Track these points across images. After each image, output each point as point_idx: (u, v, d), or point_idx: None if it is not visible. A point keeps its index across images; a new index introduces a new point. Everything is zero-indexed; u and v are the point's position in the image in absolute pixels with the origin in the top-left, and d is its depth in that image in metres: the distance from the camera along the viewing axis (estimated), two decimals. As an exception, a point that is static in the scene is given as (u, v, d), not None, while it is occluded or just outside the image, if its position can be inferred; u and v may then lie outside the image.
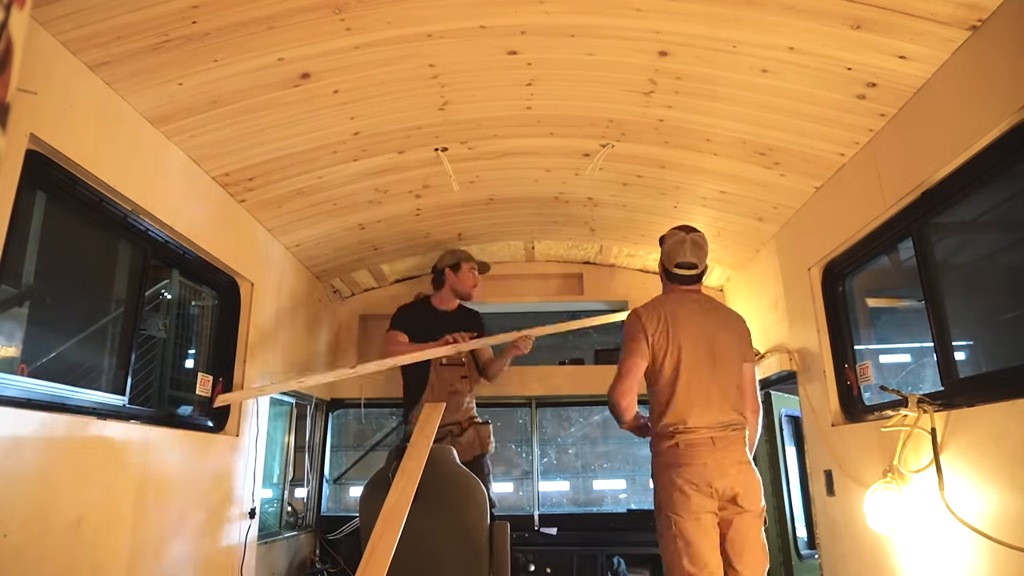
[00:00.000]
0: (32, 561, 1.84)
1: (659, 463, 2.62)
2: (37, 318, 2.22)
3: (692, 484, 2.48)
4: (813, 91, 2.41)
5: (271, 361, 3.49)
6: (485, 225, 4.05)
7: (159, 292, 2.87)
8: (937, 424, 2.18)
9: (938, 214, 2.34)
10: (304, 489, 4.13)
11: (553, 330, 3.75)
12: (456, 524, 3.03)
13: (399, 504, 2.58)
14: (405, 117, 2.76)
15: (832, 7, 2.01)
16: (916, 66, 2.16)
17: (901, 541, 2.42)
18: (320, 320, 4.30)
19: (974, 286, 2.56)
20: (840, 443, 2.88)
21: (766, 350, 3.74)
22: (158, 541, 2.46)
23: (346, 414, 4.78)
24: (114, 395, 2.35)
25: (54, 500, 1.95)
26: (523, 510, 4.51)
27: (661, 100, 2.64)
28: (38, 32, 1.87)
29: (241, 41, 2.14)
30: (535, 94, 2.66)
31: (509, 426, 5.28)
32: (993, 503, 1.95)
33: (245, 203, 3.11)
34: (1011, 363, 2.10)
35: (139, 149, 2.36)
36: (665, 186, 3.39)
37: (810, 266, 3.14)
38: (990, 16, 1.90)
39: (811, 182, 2.99)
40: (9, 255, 1.82)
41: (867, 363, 2.87)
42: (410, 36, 2.25)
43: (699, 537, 2.45)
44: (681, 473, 2.50)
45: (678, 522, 2.47)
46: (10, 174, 1.74)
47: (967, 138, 2.02)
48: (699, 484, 2.48)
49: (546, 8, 2.15)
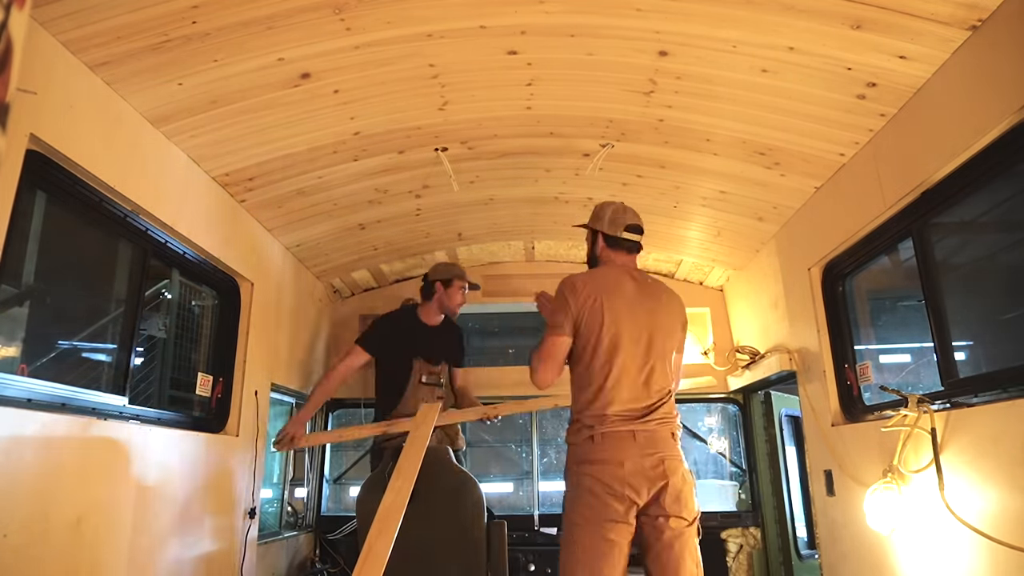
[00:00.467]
0: (32, 561, 1.84)
1: (571, 457, 2.26)
2: (37, 318, 2.22)
3: (604, 485, 2.10)
4: (813, 91, 2.41)
5: (271, 361, 3.49)
6: (485, 225, 4.05)
7: (159, 292, 2.87)
8: (937, 424, 2.18)
9: (938, 214, 2.34)
10: (304, 489, 4.13)
11: (521, 409, 3.86)
12: (452, 523, 3.03)
13: (395, 505, 2.58)
14: (405, 117, 2.76)
15: (832, 7, 2.01)
16: (916, 66, 2.16)
17: (901, 541, 2.42)
18: (320, 320, 4.30)
19: (974, 286, 2.56)
20: (840, 443, 2.88)
21: (766, 350, 3.74)
22: (158, 541, 2.46)
23: (346, 414, 4.78)
24: (114, 395, 2.35)
25: (54, 500, 1.95)
26: (523, 510, 4.52)
27: (661, 100, 2.64)
28: (38, 32, 1.87)
29: (241, 41, 2.14)
30: (535, 94, 2.66)
31: (509, 426, 5.28)
32: (993, 503, 1.96)
33: (245, 203, 3.11)
34: (1011, 363, 2.10)
35: (139, 149, 2.36)
36: (665, 186, 3.39)
37: (810, 266, 3.14)
38: (990, 16, 1.90)
39: (811, 182, 2.99)
40: (9, 255, 1.82)
41: (867, 363, 2.87)
42: (410, 36, 2.25)
43: (604, 552, 2.06)
44: (594, 471, 2.13)
45: (579, 529, 2.10)
46: (10, 174, 1.74)
47: (967, 138, 2.02)
48: (613, 485, 2.09)
49: (546, 8, 2.15)
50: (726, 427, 4.69)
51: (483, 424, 3.68)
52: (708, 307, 4.52)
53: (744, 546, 4.09)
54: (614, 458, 2.13)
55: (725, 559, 4.06)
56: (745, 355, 3.92)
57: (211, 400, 3.02)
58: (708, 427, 4.91)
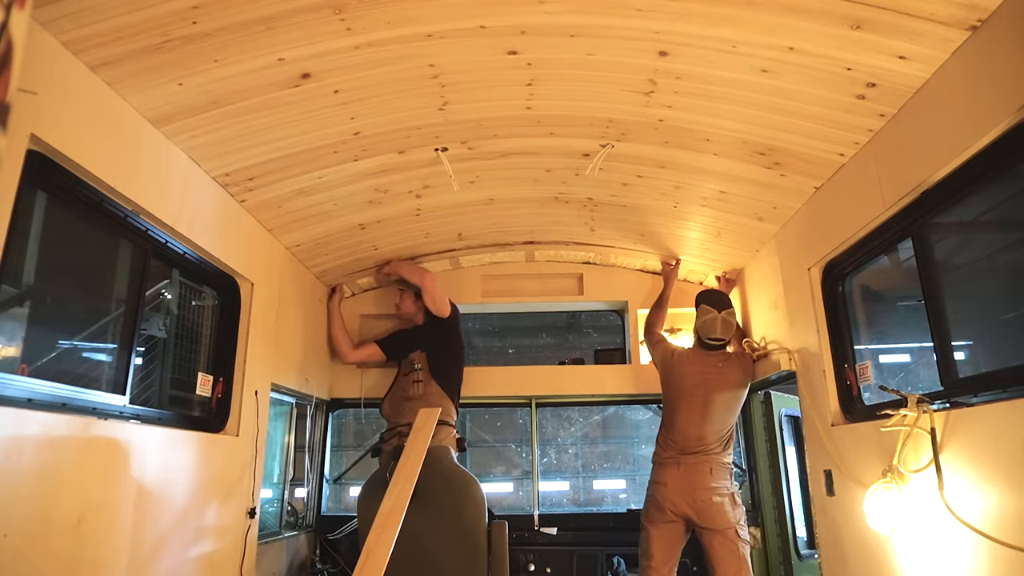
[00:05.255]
0: (32, 561, 1.85)
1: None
2: (38, 318, 2.22)
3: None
4: (813, 91, 2.41)
5: (271, 361, 3.49)
6: (485, 225, 4.05)
7: (159, 292, 2.87)
8: (937, 424, 2.18)
9: (937, 214, 2.34)
10: (304, 489, 4.14)
11: None
12: (453, 523, 3.04)
13: (395, 507, 2.59)
14: (405, 117, 2.76)
15: (832, 7, 2.01)
16: (916, 66, 2.16)
17: (901, 541, 2.42)
18: (320, 320, 4.30)
19: (974, 286, 2.56)
20: (840, 443, 2.89)
21: (765, 350, 3.74)
22: (158, 541, 2.46)
23: (346, 414, 4.78)
24: (115, 395, 2.35)
25: (55, 500, 1.95)
26: (523, 510, 4.52)
27: (661, 100, 2.64)
28: (38, 32, 1.87)
29: (241, 41, 2.14)
30: (535, 94, 2.66)
31: (509, 426, 5.28)
32: (993, 503, 1.96)
33: (245, 203, 3.11)
34: (1011, 363, 2.10)
35: (139, 149, 2.37)
36: (665, 186, 3.39)
37: (810, 266, 3.14)
38: (990, 16, 1.90)
39: (811, 182, 2.99)
40: (9, 255, 1.82)
41: (867, 363, 2.87)
42: (410, 36, 2.25)
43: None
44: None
45: None
46: (10, 174, 1.74)
47: (966, 138, 2.02)
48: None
49: (546, 8, 2.15)
50: (726, 427, 4.69)
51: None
52: (708, 307, 4.52)
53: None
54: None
55: (725, 559, 4.06)
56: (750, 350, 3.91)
57: (211, 400, 3.03)
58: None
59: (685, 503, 3.35)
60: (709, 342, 3.67)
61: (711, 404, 3.52)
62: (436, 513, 2.99)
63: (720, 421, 3.53)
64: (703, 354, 3.70)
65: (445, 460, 3.14)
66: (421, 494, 2.77)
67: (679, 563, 3.48)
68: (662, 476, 3.45)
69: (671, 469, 3.43)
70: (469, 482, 3.16)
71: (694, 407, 3.52)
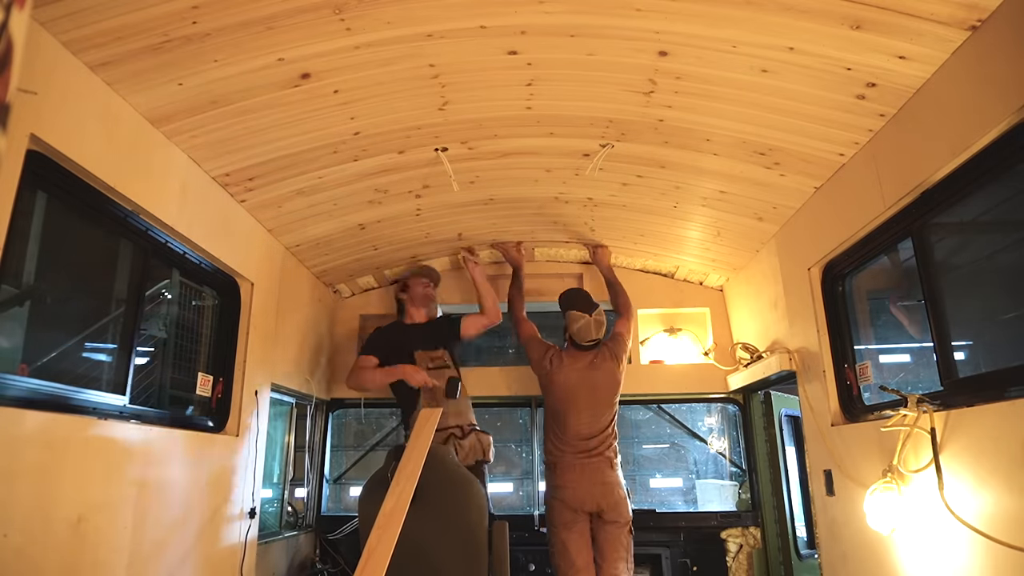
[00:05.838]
0: (32, 561, 1.85)
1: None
2: (38, 318, 2.22)
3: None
4: (813, 91, 2.41)
5: (271, 361, 3.49)
6: (485, 225, 4.05)
7: (159, 292, 2.87)
8: (937, 424, 2.18)
9: (937, 214, 2.34)
10: (304, 489, 4.14)
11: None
12: (456, 523, 3.03)
13: (397, 508, 2.59)
14: (405, 117, 2.76)
15: (832, 7, 2.01)
16: (916, 66, 2.16)
17: (901, 541, 2.42)
18: (320, 320, 4.30)
19: (974, 286, 2.56)
20: (840, 443, 2.89)
21: (765, 349, 3.74)
22: (158, 541, 2.46)
23: (346, 414, 4.78)
24: (115, 395, 2.35)
25: (55, 500, 1.95)
26: (523, 510, 4.52)
27: (661, 100, 2.64)
28: (38, 32, 1.87)
29: (241, 41, 2.14)
30: (535, 94, 2.66)
31: (509, 426, 5.29)
32: (992, 503, 1.96)
33: (245, 203, 3.11)
34: (1011, 363, 2.10)
35: (139, 149, 2.37)
36: (665, 186, 3.39)
37: (810, 266, 3.14)
38: (990, 16, 1.90)
39: (811, 182, 2.99)
40: (9, 255, 1.82)
41: (867, 363, 2.87)
42: (410, 36, 2.25)
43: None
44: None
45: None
46: (10, 174, 1.74)
47: (966, 138, 2.02)
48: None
49: (546, 8, 2.15)
50: (726, 427, 4.70)
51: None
52: (708, 307, 4.53)
53: (744, 546, 4.09)
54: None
55: (725, 559, 4.06)
56: (747, 353, 3.92)
57: (211, 400, 3.03)
58: (708, 427, 4.92)
59: (594, 500, 3.38)
60: (586, 345, 3.67)
61: (599, 402, 3.57)
62: (438, 513, 2.99)
63: (608, 414, 3.60)
64: (578, 353, 3.69)
65: (447, 461, 3.14)
66: (423, 494, 2.76)
67: (679, 563, 3.47)
68: (564, 480, 3.44)
69: (573, 472, 3.43)
70: (471, 482, 3.15)
71: (582, 407, 3.54)
